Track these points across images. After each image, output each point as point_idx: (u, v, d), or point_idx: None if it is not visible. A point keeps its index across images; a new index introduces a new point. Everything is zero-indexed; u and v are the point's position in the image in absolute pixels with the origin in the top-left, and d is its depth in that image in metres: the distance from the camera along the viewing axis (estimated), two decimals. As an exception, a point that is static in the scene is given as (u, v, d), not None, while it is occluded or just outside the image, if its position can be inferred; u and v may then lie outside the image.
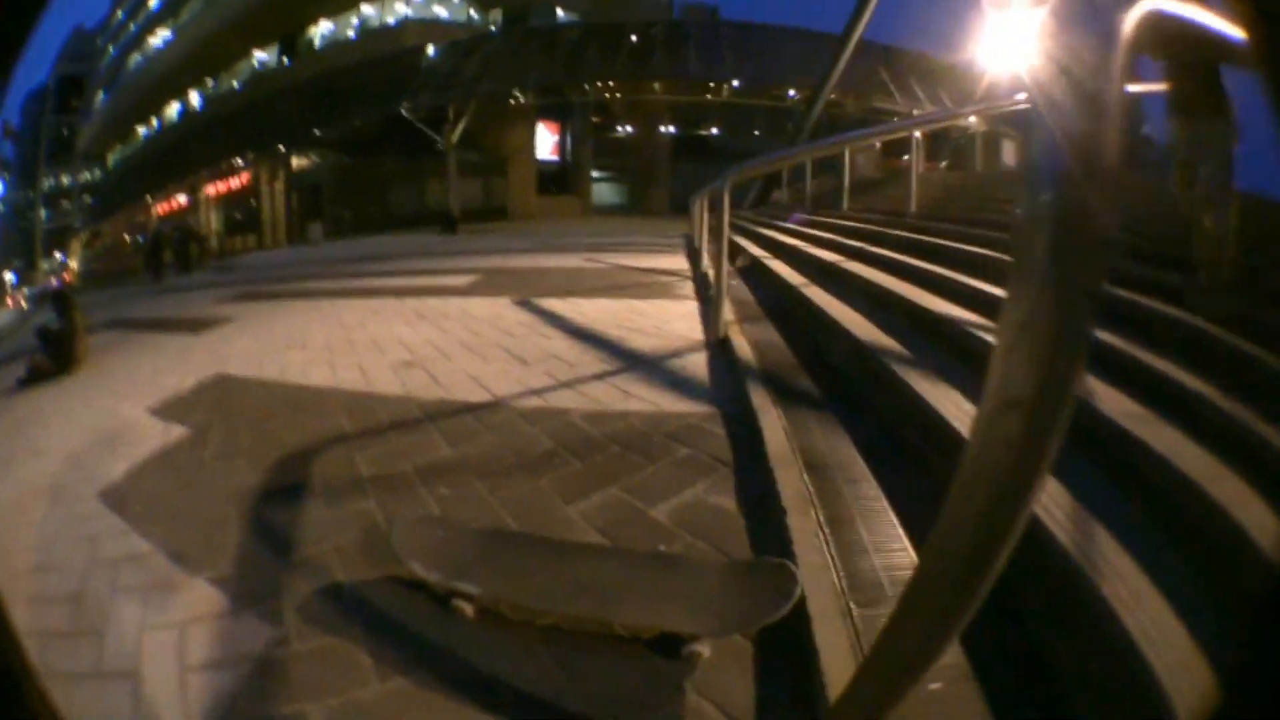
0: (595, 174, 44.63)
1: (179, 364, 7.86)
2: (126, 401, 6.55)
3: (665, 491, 3.76)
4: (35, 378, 8.69)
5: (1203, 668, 1.70)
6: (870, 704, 1.28)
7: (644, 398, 5.23)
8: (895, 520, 3.11)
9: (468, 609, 2.91)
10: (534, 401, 5.35)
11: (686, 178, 31.29)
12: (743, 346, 5.87)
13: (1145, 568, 2.13)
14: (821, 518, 3.17)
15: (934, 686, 2.05)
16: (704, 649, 2.61)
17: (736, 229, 11.73)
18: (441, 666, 2.66)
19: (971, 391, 3.46)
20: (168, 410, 6.05)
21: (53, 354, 9.01)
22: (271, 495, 4.16)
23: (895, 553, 2.89)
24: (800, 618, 2.57)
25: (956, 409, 3.40)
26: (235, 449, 4.91)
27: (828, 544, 2.97)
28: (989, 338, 3.93)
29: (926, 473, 3.39)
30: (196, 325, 10.62)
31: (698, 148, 38.64)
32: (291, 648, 2.79)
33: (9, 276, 54.00)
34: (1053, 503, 2.44)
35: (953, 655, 2.16)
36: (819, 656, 2.37)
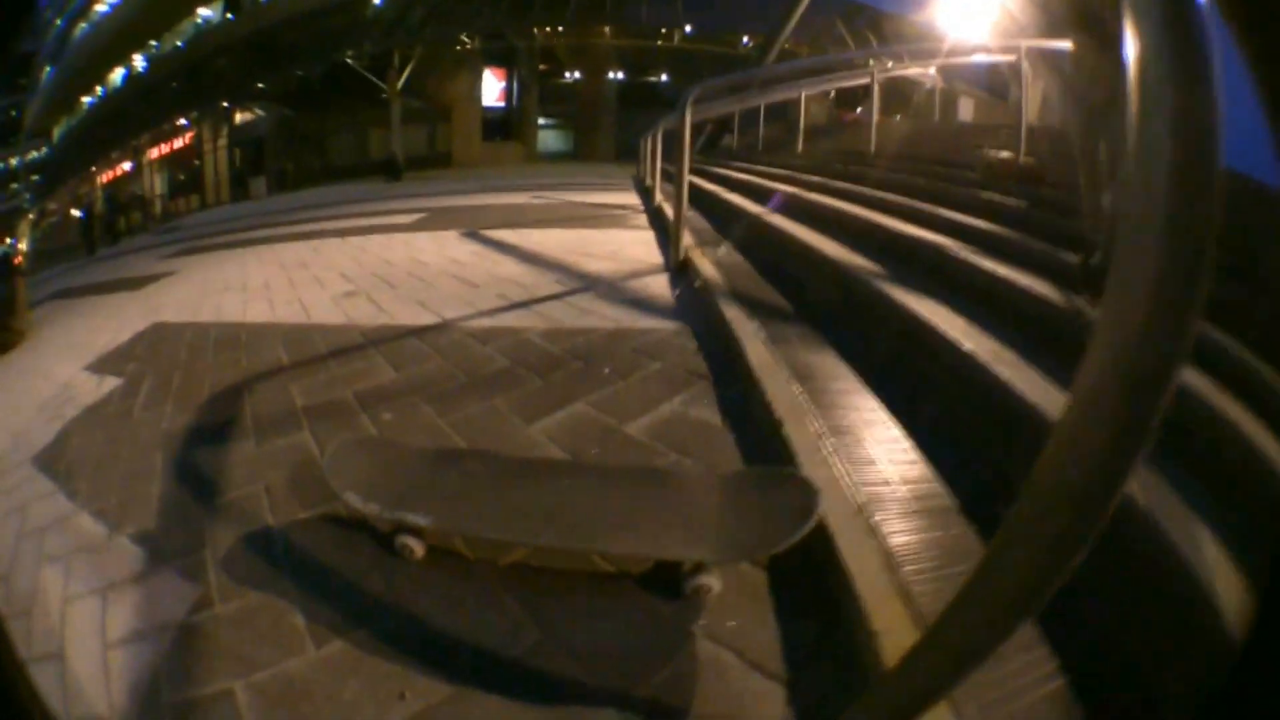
0: (541, 121, 43.78)
1: (116, 320, 7.46)
2: (62, 364, 6.18)
3: (639, 406, 3.40)
4: None
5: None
6: (932, 678, 1.15)
7: (605, 315, 4.90)
8: (899, 430, 2.81)
9: (416, 548, 2.48)
10: (485, 322, 5.02)
11: (633, 125, 30.68)
12: (706, 267, 5.55)
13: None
14: (821, 427, 2.87)
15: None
16: (713, 581, 2.21)
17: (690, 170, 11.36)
18: (387, 623, 2.25)
19: (936, 298, 3.47)
20: (102, 365, 5.70)
21: None
22: (199, 437, 3.75)
23: (907, 464, 2.58)
24: (819, 539, 2.21)
25: (933, 315, 3.30)
26: (166, 394, 4.54)
27: (833, 455, 2.66)
28: (955, 253, 4.05)
29: (916, 380, 3.17)
30: (136, 283, 10.27)
31: (645, 95, 37.69)
32: (214, 610, 2.38)
33: None
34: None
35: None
36: (852, 584, 2.03)
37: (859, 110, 14.33)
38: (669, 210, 8.33)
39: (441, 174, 32.39)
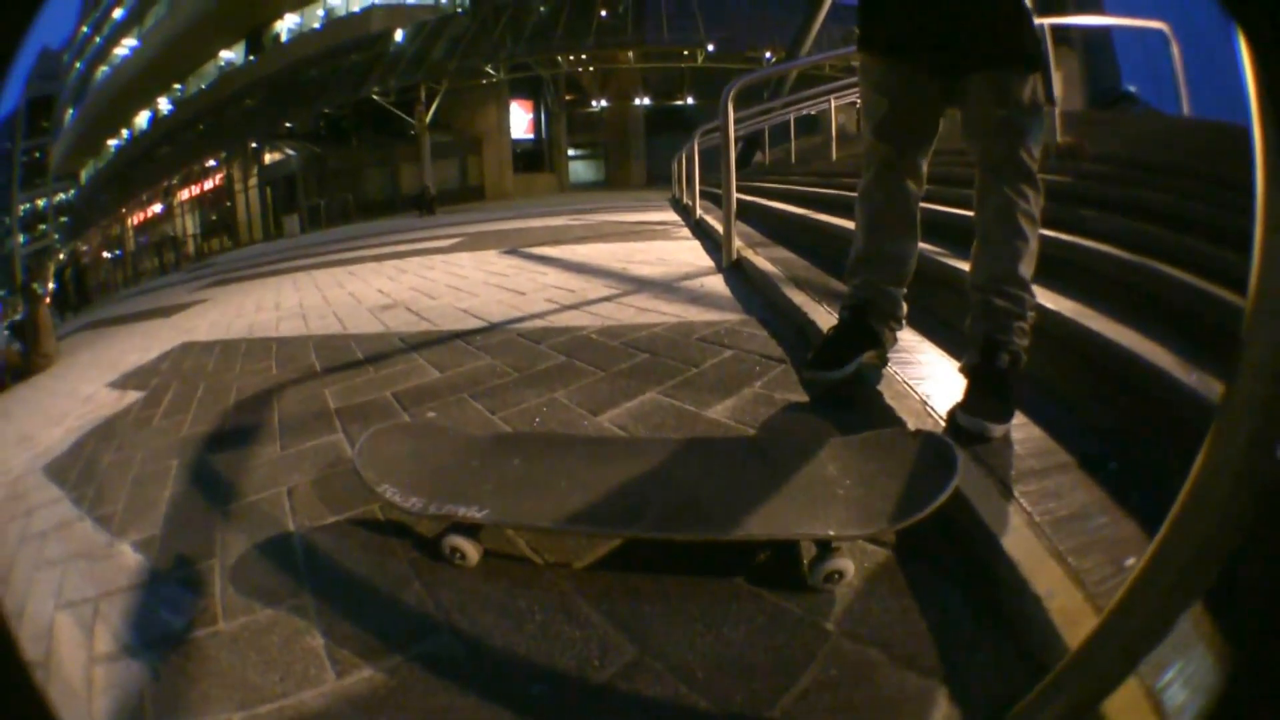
0: (571, 152, 44.28)
1: (145, 343, 7.45)
2: (87, 382, 6.14)
3: (718, 392, 3.02)
4: (9, 377, 8.52)
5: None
6: (1110, 664, 1.08)
7: (664, 311, 4.54)
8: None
9: (469, 551, 2.00)
10: (536, 323, 4.68)
11: (662, 151, 30.99)
12: (761, 264, 5.26)
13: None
14: (922, 395, 2.58)
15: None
16: (845, 565, 1.79)
17: (712, 197, 11.31)
18: (430, 646, 1.75)
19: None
20: (126, 381, 5.56)
21: (21, 341, 9.08)
22: (219, 443, 3.45)
23: (1016, 425, 2.26)
24: (951, 503, 1.84)
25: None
26: (188, 404, 4.27)
27: (941, 421, 2.38)
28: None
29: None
30: (168, 311, 10.41)
31: (672, 120, 38.13)
32: (218, 626, 1.94)
33: None
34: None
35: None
36: (1002, 549, 1.71)
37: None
38: (712, 221, 8.12)
39: (476, 206, 32.65)
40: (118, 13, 52.83)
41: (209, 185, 46.00)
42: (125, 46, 50.57)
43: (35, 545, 2.84)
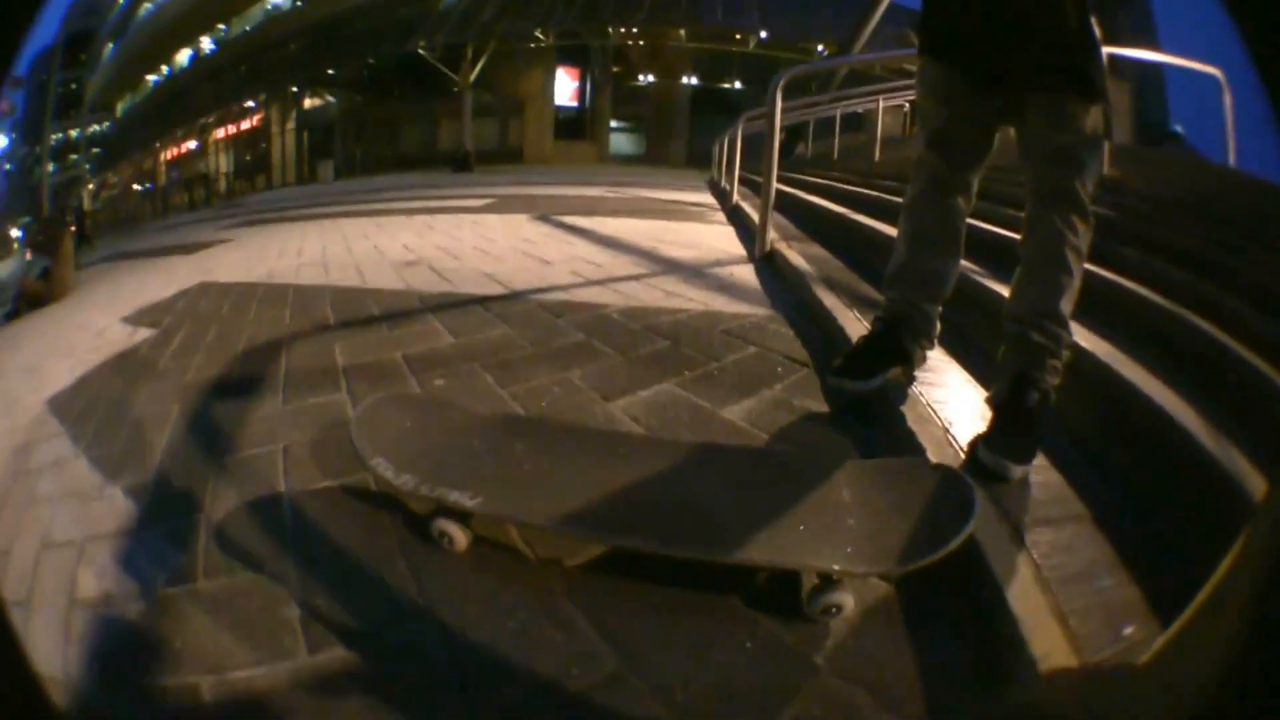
0: (613, 124, 44.05)
1: (164, 279, 7.35)
2: (100, 315, 6.06)
3: (736, 390, 2.90)
4: (24, 305, 8.53)
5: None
6: None
7: (690, 297, 4.43)
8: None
9: (458, 537, 1.93)
10: (558, 296, 4.58)
11: (706, 132, 30.78)
12: (794, 258, 5.13)
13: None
14: (944, 422, 2.48)
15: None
16: (845, 599, 1.69)
17: (750, 184, 11.12)
18: (408, 631, 1.71)
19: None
20: (139, 317, 5.47)
21: (42, 276, 9.00)
22: (222, 391, 3.40)
23: (1036, 469, 2.14)
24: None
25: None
26: (197, 347, 4.20)
27: (962, 451, 2.28)
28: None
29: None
30: (192, 248, 10.35)
31: (718, 102, 37.78)
32: (196, 584, 1.88)
33: (15, 233, 54.87)
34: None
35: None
36: (1006, 602, 1.63)
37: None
38: (748, 208, 8.01)
39: (513, 169, 32.55)
40: (166, -52, 52.93)
41: (246, 126, 46.07)
42: (170, -16, 50.65)
43: (29, 481, 2.80)
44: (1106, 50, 2.52)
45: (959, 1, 2.56)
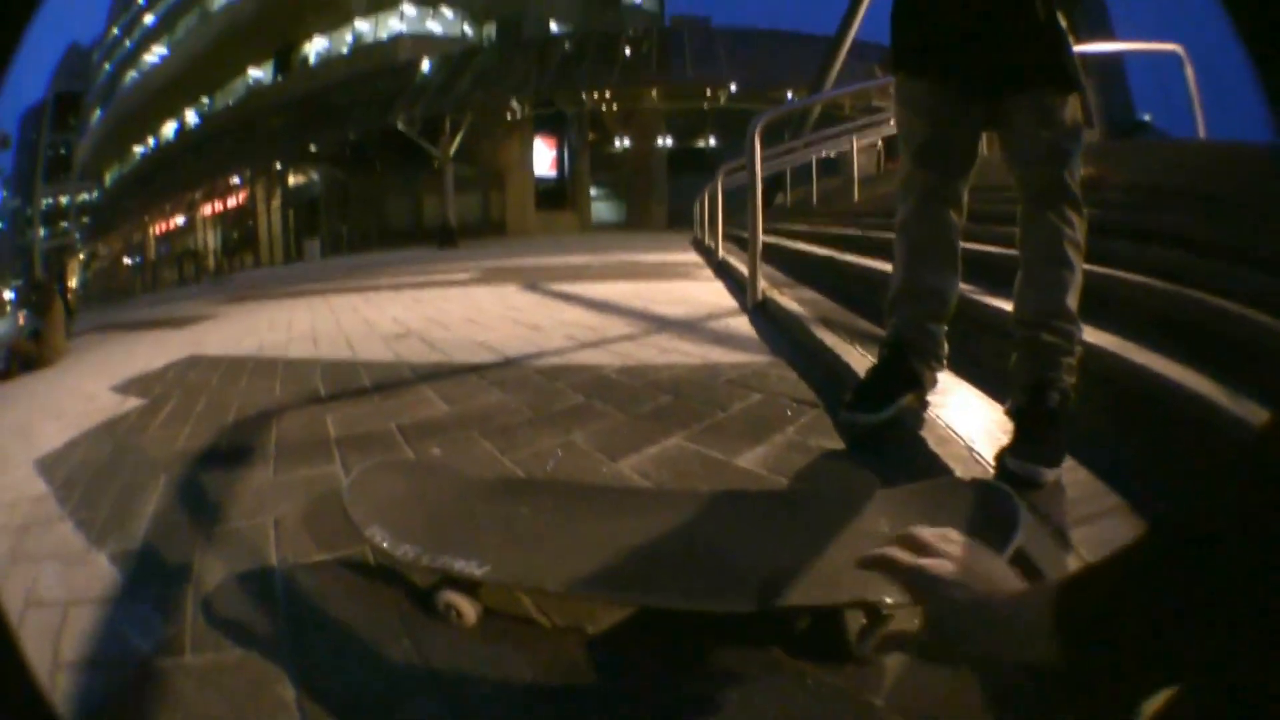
0: (593, 191, 44.39)
1: (154, 351, 7.45)
2: (91, 381, 6.15)
3: (748, 438, 2.81)
4: (15, 365, 8.64)
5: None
6: None
7: (687, 352, 4.38)
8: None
9: (466, 609, 1.76)
10: (553, 360, 4.52)
11: (684, 192, 31.17)
12: (787, 304, 5.16)
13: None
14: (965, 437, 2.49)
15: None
16: (897, 634, 1.55)
17: (735, 239, 11.26)
18: (413, 713, 1.53)
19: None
20: (129, 387, 5.49)
21: (33, 338, 9.20)
22: (211, 461, 3.32)
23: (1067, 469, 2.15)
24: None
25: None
26: (187, 416, 4.16)
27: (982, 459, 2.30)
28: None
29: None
30: (181, 322, 10.55)
31: (695, 161, 38.13)
32: (184, 658, 1.75)
33: (8, 295, 55.43)
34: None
35: None
36: None
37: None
38: (734, 261, 8.04)
39: (497, 241, 32.71)
40: (148, 18, 53.74)
41: (232, 202, 46.47)
42: (155, 54, 51.37)
43: (14, 537, 2.71)
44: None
45: (930, 15, 2.59)
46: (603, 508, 2.10)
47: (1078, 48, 2.56)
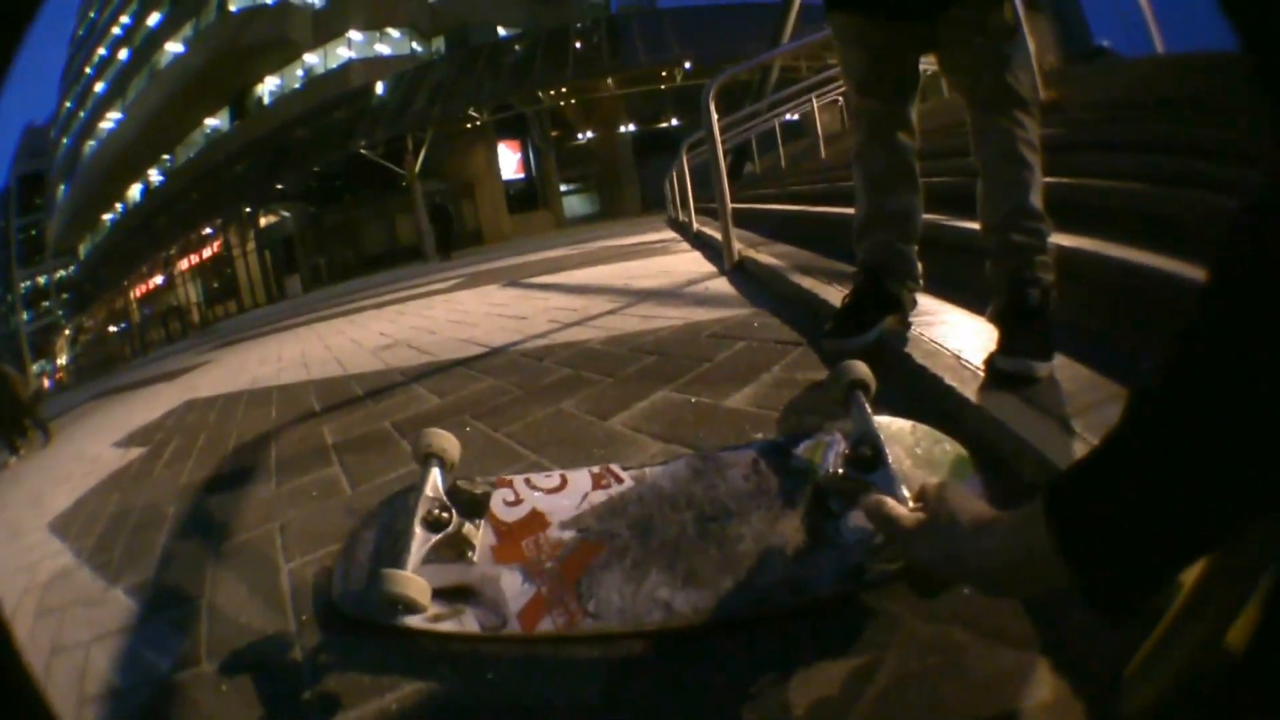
0: (563, 186, 44.29)
1: (151, 404, 7.68)
2: (92, 444, 6.36)
3: (735, 381, 2.84)
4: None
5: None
6: (1224, 602, 0.91)
7: (669, 316, 4.40)
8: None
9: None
10: (539, 343, 4.56)
11: (653, 175, 31.12)
12: (765, 260, 5.15)
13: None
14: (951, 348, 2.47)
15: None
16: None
17: (709, 211, 11.16)
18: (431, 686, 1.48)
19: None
20: (130, 439, 5.73)
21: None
22: (216, 485, 3.43)
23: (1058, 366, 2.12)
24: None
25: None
26: (189, 453, 4.28)
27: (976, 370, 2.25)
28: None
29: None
30: (174, 374, 10.75)
31: (660, 142, 38.02)
32: (201, 668, 1.77)
33: None
34: None
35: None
36: None
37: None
38: (710, 231, 8.07)
39: (474, 250, 32.62)
40: (99, 86, 53.54)
41: (208, 253, 46.38)
42: (110, 120, 51.18)
43: (37, 595, 2.77)
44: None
45: None
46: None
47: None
